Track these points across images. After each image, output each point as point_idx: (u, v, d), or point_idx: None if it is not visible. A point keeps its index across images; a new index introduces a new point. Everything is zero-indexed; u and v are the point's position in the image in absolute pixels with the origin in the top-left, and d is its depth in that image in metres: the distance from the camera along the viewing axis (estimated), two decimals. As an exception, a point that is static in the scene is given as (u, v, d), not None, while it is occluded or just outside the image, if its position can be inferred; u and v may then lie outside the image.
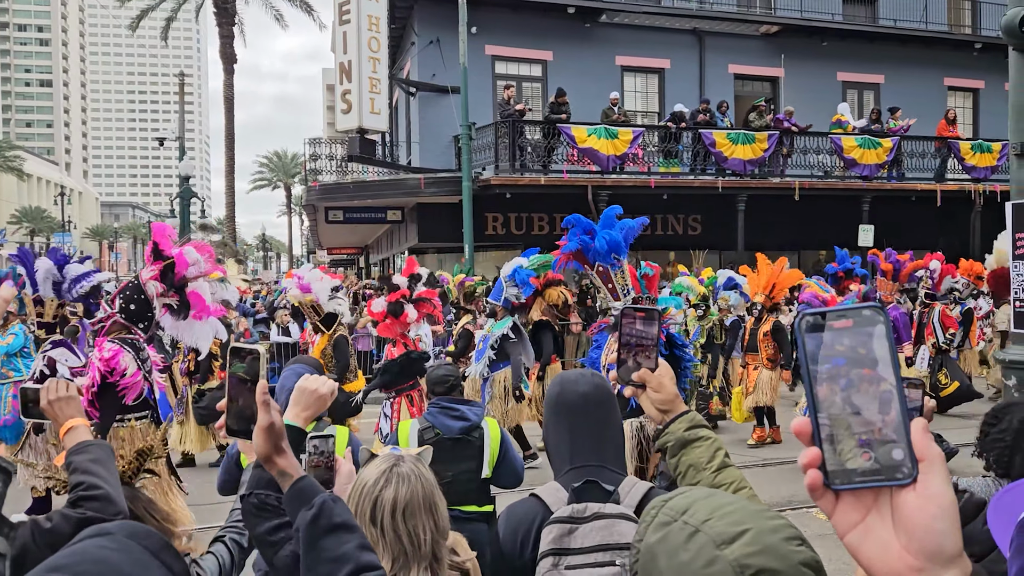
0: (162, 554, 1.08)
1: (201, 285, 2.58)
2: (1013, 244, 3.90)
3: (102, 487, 1.88)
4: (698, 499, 1.05)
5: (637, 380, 1.59)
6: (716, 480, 1.54)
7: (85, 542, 1.06)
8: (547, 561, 1.93)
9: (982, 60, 21.84)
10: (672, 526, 1.02)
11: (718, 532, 0.97)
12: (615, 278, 5.39)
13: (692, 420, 1.60)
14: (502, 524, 2.14)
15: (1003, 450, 2.03)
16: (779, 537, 0.97)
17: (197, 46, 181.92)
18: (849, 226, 17.56)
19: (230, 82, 29.67)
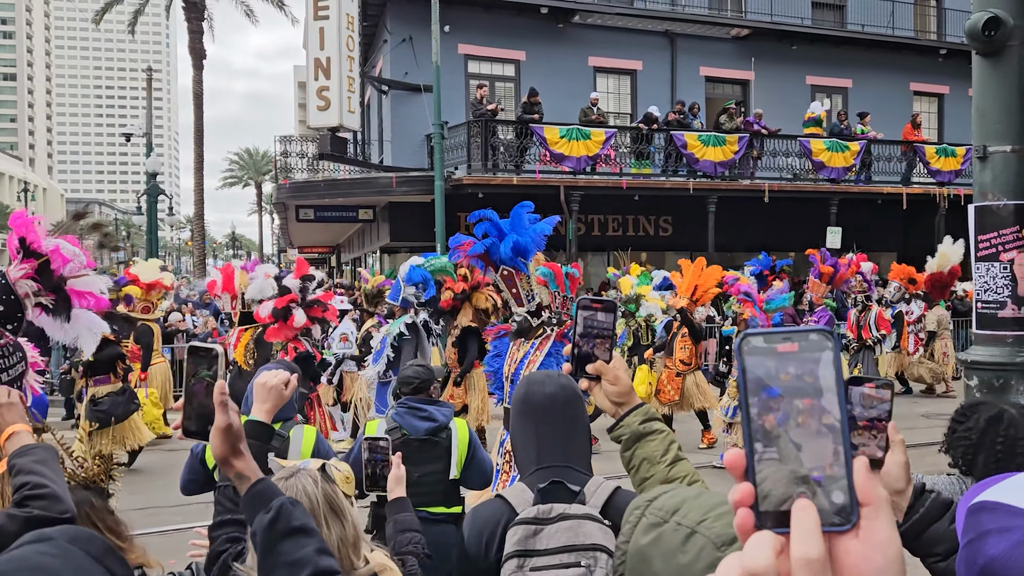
0: (105, 559, 1.05)
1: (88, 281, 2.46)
2: (976, 246, 3.96)
3: (48, 485, 1.83)
4: (687, 499, 1.04)
5: (593, 372, 1.58)
6: (670, 474, 1.53)
7: (24, 548, 1.02)
8: (512, 563, 1.92)
9: (947, 66, 22.24)
10: (664, 527, 1.00)
11: (717, 533, 0.96)
12: (519, 283, 5.21)
13: (646, 413, 1.60)
14: (467, 526, 2.13)
15: (968, 448, 2.06)
16: None
17: (166, 41, 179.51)
18: (817, 228, 17.78)
19: (199, 78, 29.30)
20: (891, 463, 1.46)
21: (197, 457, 3.89)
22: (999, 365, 3.87)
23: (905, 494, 1.48)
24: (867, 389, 1.46)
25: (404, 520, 2.52)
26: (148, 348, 10.48)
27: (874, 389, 1.46)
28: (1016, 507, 0.96)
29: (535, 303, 5.23)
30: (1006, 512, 0.97)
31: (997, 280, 3.84)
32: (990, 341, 3.93)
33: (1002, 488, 1.03)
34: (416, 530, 2.50)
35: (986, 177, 3.92)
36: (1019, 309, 3.80)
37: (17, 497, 1.81)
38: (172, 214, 37.26)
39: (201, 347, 1.62)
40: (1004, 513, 0.97)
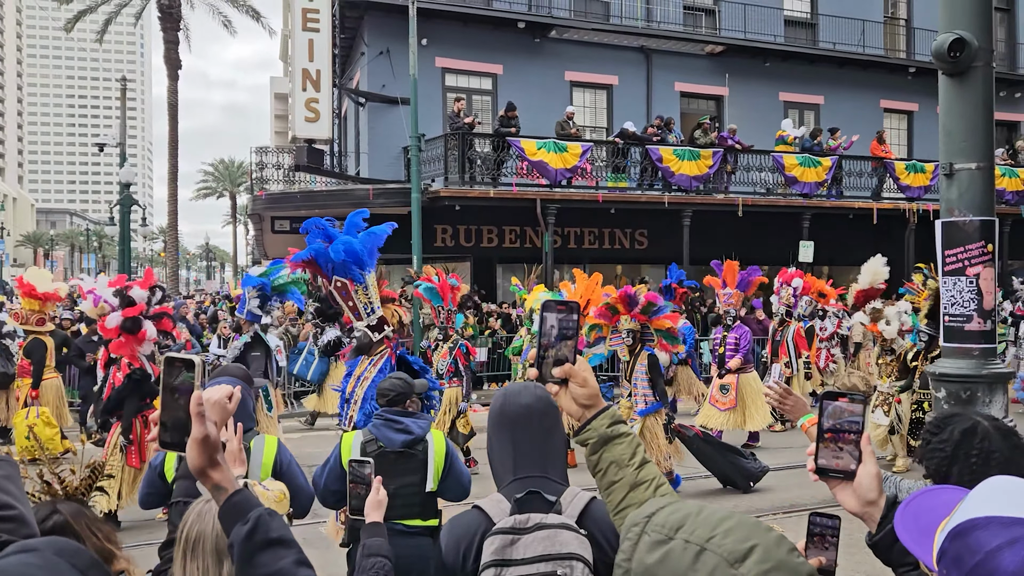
0: (90, 572, 1.04)
1: None
2: (943, 260, 4.04)
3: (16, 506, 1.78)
4: (690, 514, 1.04)
5: (561, 375, 1.54)
6: (638, 477, 1.52)
7: (10, 559, 1.02)
8: (489, 572, 1.92)
9: (916, 84, 22.67)
10: (671, 545, 1.00)
11: (728, 550, 0.96)
12: (356, 295, 4.81)
13: (613, 416, 1.58)
14: (444, 537, 2.12)
15: (942, 460, 2.07)
16: (784, 550, 0.98)
17: (141, 51, 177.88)
18: (790, 242, 18.00)
19: (174, 88, 29.08)
20: (863, 474, 1.48)
21: (156, 471, 3.84)
22: (966, 377, 3.95)
23: (878, 504, 1.49)
24: (840, 403, 1.50)
25: (372, 545, 2.52)
26: (40, 363, 9.70)
27: (847, 403, 1.49)
28: (1010, 517, 0.96)
29: (375, 316, 4.87)
30: (1001, 524, 0.96)
31: (963, 294, 3.92)
32: (957, 354, 4.01)
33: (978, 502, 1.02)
34: (384, 556, 2.49)
35: (952, 194, 4.01)
36: (985, 322, 3.88)
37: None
38: (145, 225, 36.81)
39: (177, 358, 1.61)
40: (1000, 525, 0.96)
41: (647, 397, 7.87)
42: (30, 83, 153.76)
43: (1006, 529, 0.95)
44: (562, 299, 1.59)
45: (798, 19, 22.74)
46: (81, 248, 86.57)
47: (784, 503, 7.69)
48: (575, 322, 1.56)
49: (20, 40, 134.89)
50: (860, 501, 1.49)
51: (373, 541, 2.53)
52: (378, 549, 2.51)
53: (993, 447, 2.03)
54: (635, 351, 8.05)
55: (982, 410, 3.77)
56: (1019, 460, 2.00)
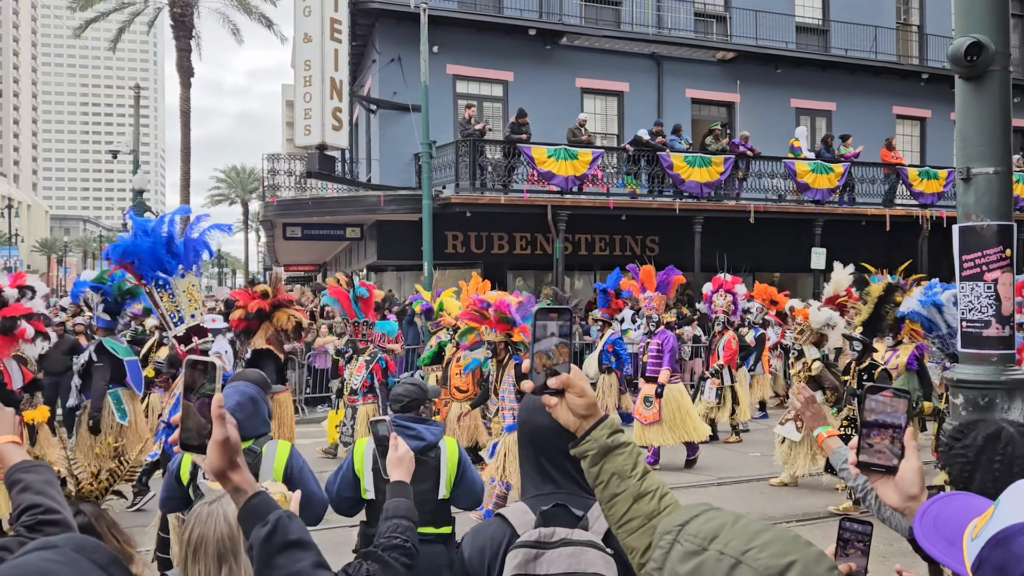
0: (110, 568, 1.04)
1: None
2: (960, 266, 4.01)
3: (60, 511, 1.79)
4: (725, 524, 1.02)
5: (558, 386, 1.46)
6: (642, 487, 1.46)
7: (31, 555, 1.02)
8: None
9: (929, 90, 22.58)
10: (705, 556, 0.98)
11: (765, 565, 0.93)
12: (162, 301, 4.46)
13: (612, 426, 1.51)
14: (468, 544, 2.08)
15: (964, 466, 2.05)
16: (824, 567, 0.96)
17: (154, 59, 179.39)
18: (802, 249, 17.93)
19: (187, 96, 29.28)
20: (905, 469, 1.49)
21: (173, 474, 3.86)
22: (984, 383, 3.91)
23: (919, 499, 1.49)
24: (883, 397, 1.51)
25: (394, 506, 2.33)
26: None
27: (890, 398, 1.51)
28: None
29: (183, 327, 4.51)
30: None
31: (981, 300, 3.88)
32: (975, 360, 3.97)
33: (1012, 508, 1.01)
34: (407, 518, 2.32)
35: (969, 198, 3.98)
36: (1003, 328, 3.84)
37: (28, 520, 1.75)
38: (158, 231, 36.97)
39: (200, 360, 1.61)
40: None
41: (515, 412, 7.15)
42: (44, 91, 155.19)
43: None
44: (555, 306, 1.50)
45: (810, 25, 22.70)
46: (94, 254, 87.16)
47: (797, 511, 7.63)
48: (570, 329, 1.49)
49: (35, 48, 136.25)
50: (902, 496, 1.49)
51: (395, 502, 2.37)
52: (396, 510, 2.34)
53: (1017, 453, 2.00)
54: (503, 362, 7.47)
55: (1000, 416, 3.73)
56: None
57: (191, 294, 4.56)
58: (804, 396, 2.58)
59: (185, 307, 4.48)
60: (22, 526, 1.75)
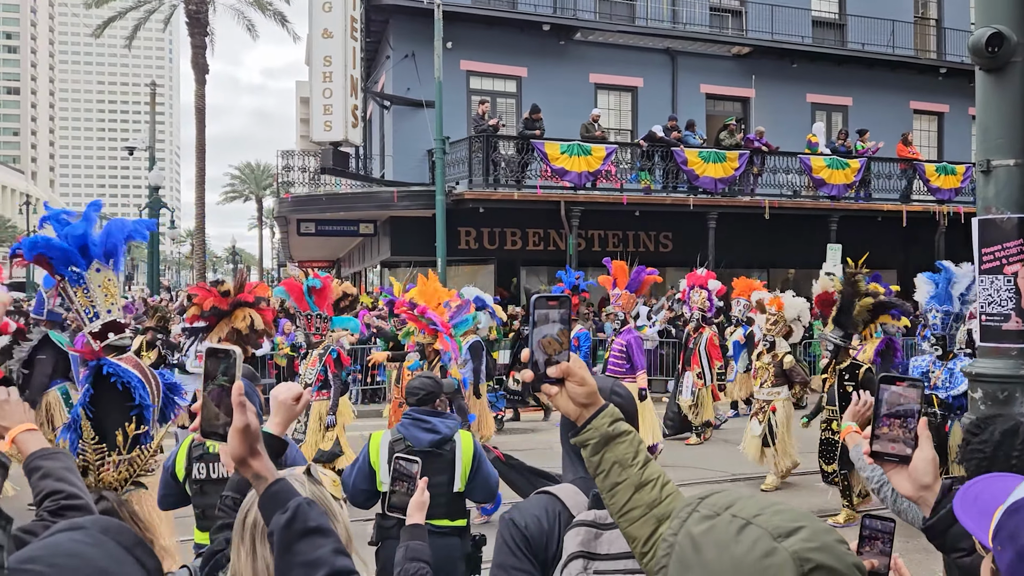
0: (135, 550, 1.06)
1: None
2: (980, 259, 3.97)
3: (82, 497, 1.82)
4: (742, 497, 1.04)
5: (559, 375, 1.45)
6: (643, 476, 1.44)
7: (59, 535, 1.03)
8: (577, 563, 1.85)
9: (946, 85, 22.37)
10: (718, 519, 1.00)
11: (775, 525, 0.96)
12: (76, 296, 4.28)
13: (613, 415, 1.49)
14: (520, 513, 2.02)
15: (981, 461, 2.05)
16: (833, 537, 0.97)
17: (169, 56, 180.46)
18: (817, 245, 17.81)
19: (202, 92, 29.42)
20: (919, 459, 1.50)
21: (168, 471, 3.91)
22: (1004, 377, 3.88)
23: (933, 489, 1.50)
24: (897, 388, 1.52)
25: (415, 549, 2.48)
26: None
27: (904, 388, 1.51)
28: None
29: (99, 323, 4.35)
30: None
31: (1001, 293, 3.85)
32: (994, 354, 3.94)
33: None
34: (425, 561, 2.46)
35: (989, 191, 3.94)
36: (1023, 322, 3.81)
37: (51, 505, 1.79)
38: (174, 227, 37.26)
39: (220, 348, 1.62)
40: None
41: None
42: (61, 88, 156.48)
43: None
44: (553, 294, 1.48)
45: (826, 20, 22.54)
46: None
47: (812, 507, 7.59)
48: (568, 318, 1.47)
49: (52, 46, 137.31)
50: (915, 485, 1.50)
51: (416, 544, 2.50)
52: (421, 554, 2.49)
53: None
54: (431, 365, 7.14)
55: (1019, 411, 3.70)
56: None
57: (107, 289, 4.40)
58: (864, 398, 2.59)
59: (100, 302, 4.33)
60: (45, 511, 1.78)
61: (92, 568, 0.99)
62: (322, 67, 16.93)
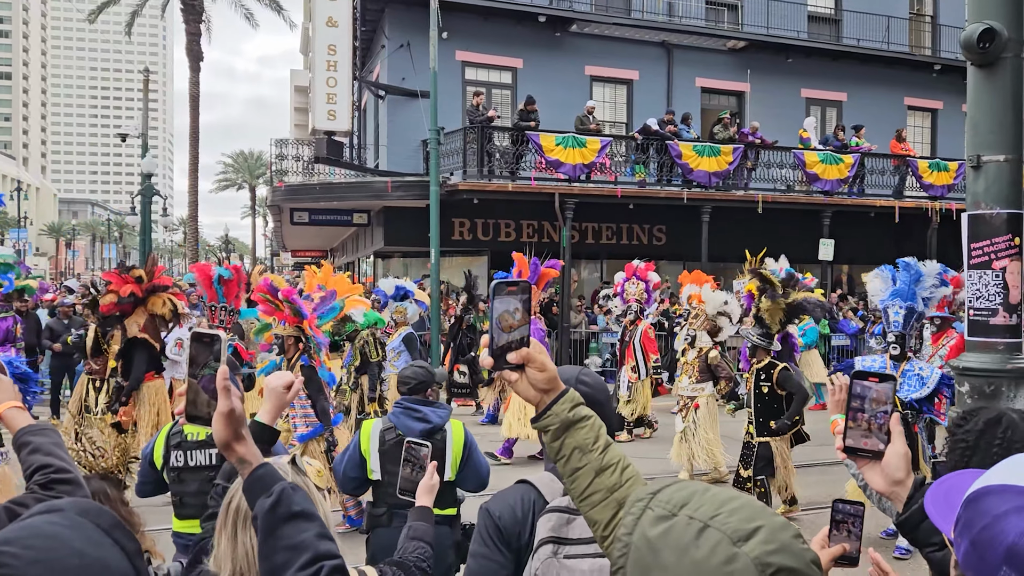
0: (114, 532, 1.05)
1: None
2: (969, 254, 4.00)
3: (71, 471, 1.83)
4: (696, 492, 1.03)
5: (518, 361, 1.44)
6: (604, 461, 1.45)
7: (35, 518, 1.03)
8: (547, 548, 1.91)
9: (941, 81, 22.41)
10: (675, 520, 0.99)
11: (732, 528, 0.95)
12: None
13: (574, 400, 1.49)
14: (496, 503, 2.10)
15: (964, 450, 2.07)
16: (789, 535, 0.97)
17: (163, 43, 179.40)
18: (810, 240, 17.86)
19: (196, 80, 29.27)
20: (891, 454, 1.50)
21: (147, 459, 3.93)
22: (990, 371, 3.92)
23: (905, 484, 1.51)
24: (869, 383, 1.52)
25: (418, 528, 2.53)
26: None
27: (876, 383, 1.51)
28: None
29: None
30: (1016, 492, 0.96)
31: (989, 288, 3.88)
32: (982, 348, 3.97)
33: (999, 472, 1.03)
34: (428, 543, 2.50)
35: (979, 186, 3.96)
36: (1010, 317, 3.83)
37: (41, 479, 1.81)
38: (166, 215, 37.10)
39: (205, 333, 1.62)
40: (1015, 493, 0.96)
41: (307, 418, 6.50)
42: (54, 74, 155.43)
43: (1020, 496, 0.95)
44: (512, 279, 1.47)
45: (822, 15, 22.53)
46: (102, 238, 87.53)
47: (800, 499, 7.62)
48: (528, 303, 1.46)
49: (45, 31, 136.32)
50: (888, 480, 1.50)
51: (420, 525, 2.55)
52: (423, 534, 2.53)
53: (1016, 437, 2.01)
54: (291, 361, 6.47)
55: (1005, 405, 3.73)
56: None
57: None
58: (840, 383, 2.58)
59: None
60: (36, 484, 1.80)
61: (69, 550, 0.99)
62: (326, 56, 16.86)
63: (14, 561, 0.95)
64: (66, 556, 0.98)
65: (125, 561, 1.04)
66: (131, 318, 7.39)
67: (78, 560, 0.99)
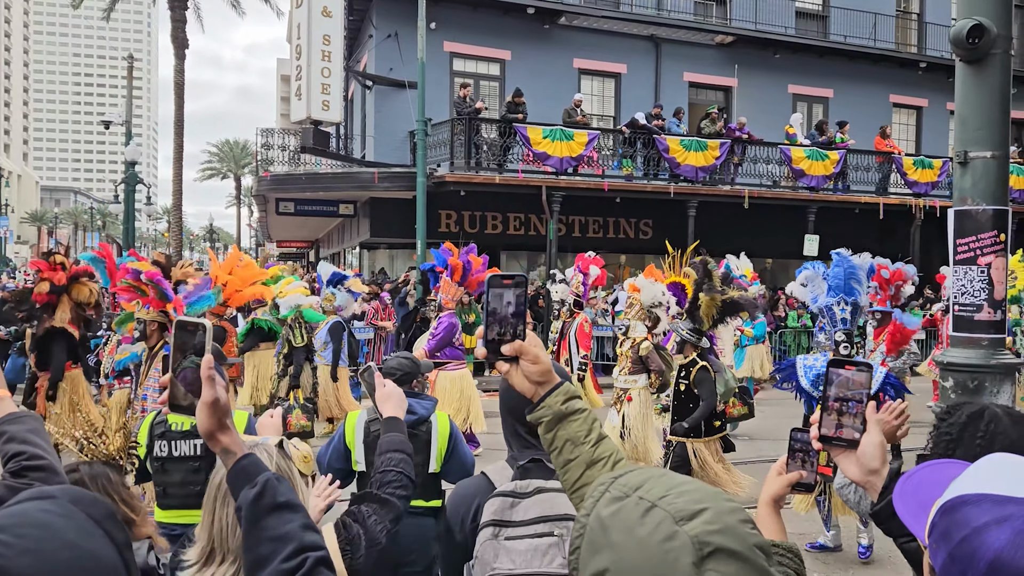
0: (105, 522, 1.03)
1: None
2: (954, 249, 4.02)
3: (45, 457, 1.81)
4: (652, 476, 1.05)
5: (511, 353, 1.46)
6: (596, 454, 1.47)
7: (27, 504, 1.01)
8: (487, 531, 1.98)
9: (926, 79, 22.55)
10: (626, 501, 1.01)
11: (677, 508, 0.97)
12: None
13: (568, 392, 1.51)
14: (449, 501, 2.23)
15: (948, 443, 2.07)
16: (736, 519, 0.98)
17: (148, 30, 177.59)
18: (795, 235, 17.96)
19: (181, 67, 28.95)
20: (867, 443, 1.49)
21: None
22: (974, 367, 3.94)
23: (880, 474, 1.50)
24: (846, 372, 1.51)
25: (390, 440, 2.46)
26: None
27: (852, 372, 1.50)
28: (1002, 495, 0.95)
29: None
30: (993, 502, 0.94)
31: (974, 283, 3.90)
32: (966, 343, 4.00)
33: (973, 478, 1.01)
34: (401, 450, 2.43)
35: (966, 182, 3.98)
36: (995, 312, 3.86)
37: (13, 466, 1.80)
38: (150, 203, 36.79)
39: (188, 321, 1.60)
40: (992, 503, 0.94)
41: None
42: (36, 60, 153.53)
43: (997, 507, 0.93)
44: (508, 273, 1.49)
45: (809, 11, 22.61)
46: (85, 227, 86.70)
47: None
48: (523, 297, 1.48)
49: (27, 16, 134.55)
50: (863, 470, 1.50)
51: (390, 436, 2.48)
52: (390, 444, 2.45)
53: (999, 430, 2.01)
54: (153, 349, 6.08)
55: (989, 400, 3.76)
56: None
57: None
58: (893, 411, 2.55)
59: None
60: (8, 472, 1.78)
61: (61, 541, 0.97)
62: (321, 46, 16.76)
63: (6, 550, 0.92)
64: (58, 548, 0.96)
65: (115, 553, 1.02)
66: (58, 309, 7.10)
67: (69, 552, 0.97)
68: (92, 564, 0.98)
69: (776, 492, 1.62)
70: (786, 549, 1.50)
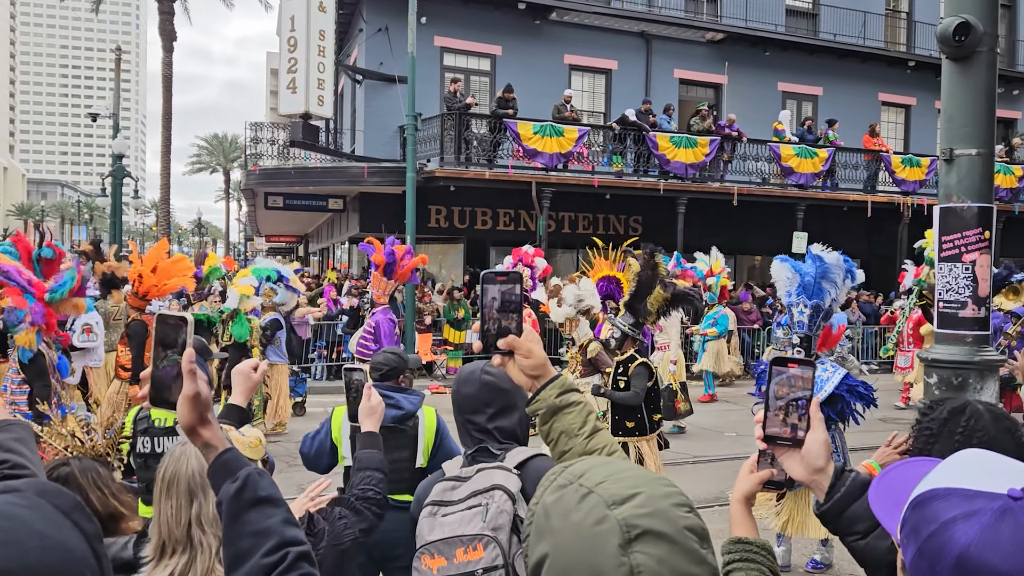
0: (73, 514, 1.03)
1: None
2: (939, 246, 4.04)
3: (28, 467, 1.79)
4: (596, 465, 1.09)
5: (505, 347, 1.52)
6: (589, 446, 1.51)
7: None
8: (427, 510, 2.12)
9: (915, 78, 22.66)
10: (568, 488, 1.05)
11: (611, 494, 1.00)
12: None
13: (563, 385, 1.55)
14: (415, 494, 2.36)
15: (928, 438, 2.08)
16: (669, 503, 1.01)
17: (136, 22, 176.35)
18: (784, 232, 18.01)
19: (169, 61, 28.79)
20: (811, 441, 1.46)
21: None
22: (958, 363, 3.96)
23: (826, 472, 1.47)
24: (790, 370, 1.47)
25: (365, 458, 2.50)
26: None
27: (796, 369, 1.47)
28: (972, 490, 0.94)
29: None
30: (962, 496, 0.94)
31: (959, 280, 3.92)
32: (950, 340, 4.02)
33: (944, 472, 1.00)
34: (379, 470, 2.50)
35: (951, 179, 4.00)
36: (979, 309, 3.88)
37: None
38: (137, 197, 36.56)
39: (170, 315, 1.59)
40: (961, 498, 0.94)
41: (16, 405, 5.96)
42: (23, 51, 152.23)
43: (966, 501, 0.93)
44: (502, 270, 1.54)
45: (800, 9, 22.67)
46: (72, 220, 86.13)
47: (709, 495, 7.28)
48: (518, 292, 1.53)
49: (13, 7, 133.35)
50: (808, 469, 1.47)
51: (365, 454, 2.51)
52: (369, 462, 2.48)
53: (979, 426, 2.02)
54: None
55: (972, 396, 3.78)
56: (1004, 442, 1.97)
57: None
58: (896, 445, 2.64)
59: None
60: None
61: (29, 531, 0.96)
62: (317, 41, 16.66)
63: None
64: (26, 538, 0.96)
65: (84, 544, 1.02)
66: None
67: (39, 542, 0.96)
68: (62, 554, 0.97)
69: (747, 490, 1.61)
70: (759, 547, 1.50)
